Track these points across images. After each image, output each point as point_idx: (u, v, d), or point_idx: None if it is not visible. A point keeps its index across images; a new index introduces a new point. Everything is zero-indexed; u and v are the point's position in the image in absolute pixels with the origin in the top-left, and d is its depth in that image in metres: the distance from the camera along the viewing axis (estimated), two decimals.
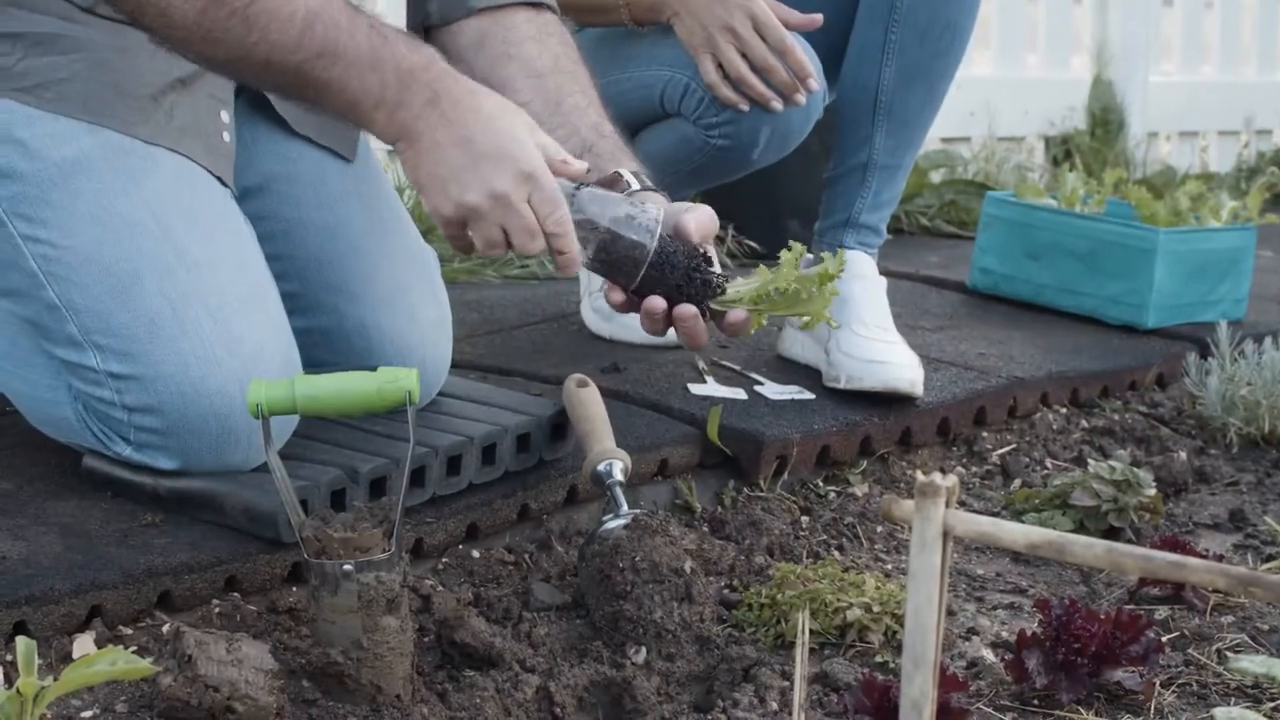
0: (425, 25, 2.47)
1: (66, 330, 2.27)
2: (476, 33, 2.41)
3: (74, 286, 2.25)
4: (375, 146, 2.75)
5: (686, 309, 2.27)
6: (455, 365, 2.64)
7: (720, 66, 2.92)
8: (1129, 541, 2.65)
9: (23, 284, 2.28)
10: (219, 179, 2.37)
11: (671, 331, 3.23)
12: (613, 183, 2.32)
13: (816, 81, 2.93)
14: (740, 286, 2.30)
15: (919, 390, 2.96)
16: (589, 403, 2.49)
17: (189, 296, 2.25)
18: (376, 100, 2.16)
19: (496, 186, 2.14)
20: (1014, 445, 3.15)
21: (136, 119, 2.29)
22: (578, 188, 2.21)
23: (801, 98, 2.94)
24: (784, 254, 2.29)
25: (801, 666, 1.75)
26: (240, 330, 2.27)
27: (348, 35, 2.12)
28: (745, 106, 2.93)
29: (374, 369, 2.08)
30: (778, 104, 2.93)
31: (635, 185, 2.32)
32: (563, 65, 2.41)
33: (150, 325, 2.24)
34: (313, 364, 2.39)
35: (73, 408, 2.32)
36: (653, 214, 2.23)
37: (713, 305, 2.29)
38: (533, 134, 2.19)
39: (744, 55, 2.90)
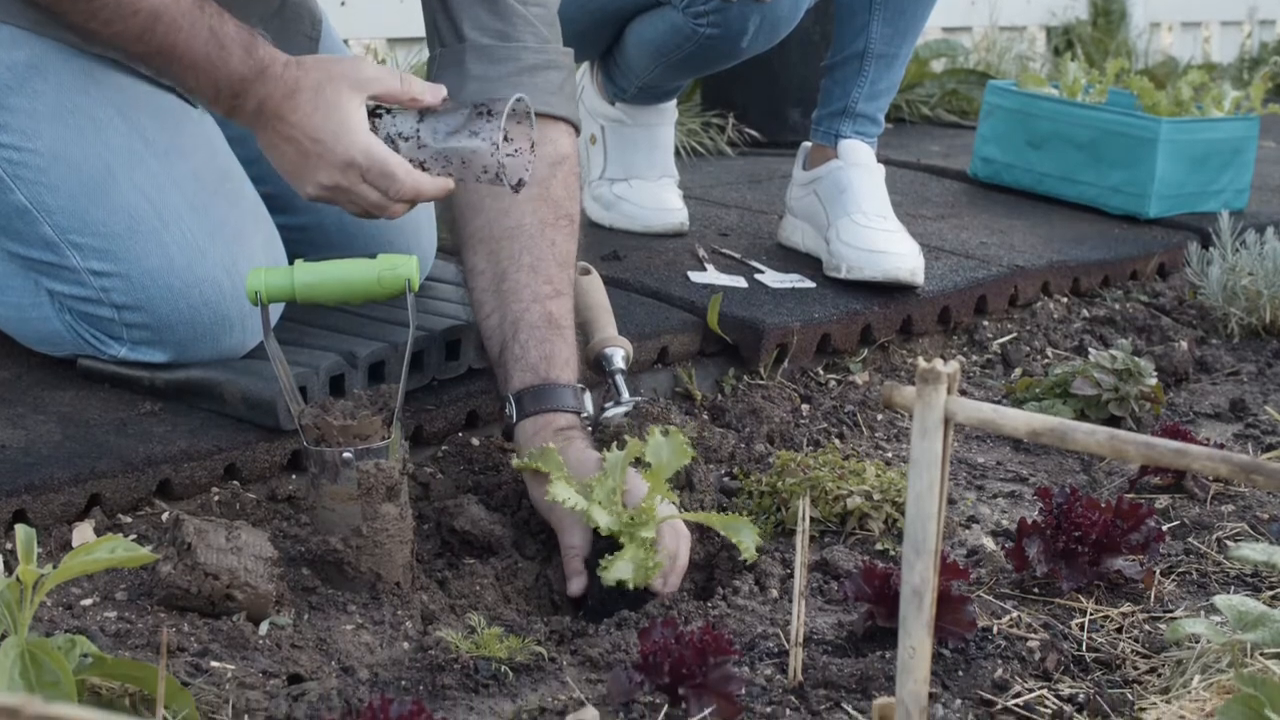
0: None
1: (40, 232, 2.24)
2: None
3: (43, 188, 2.23)
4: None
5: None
6: (454, 253, 2.62)
7: None
8: (1129, 430, 2.65)
9: None
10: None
11: (672, 218, 3.24)
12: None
13: None
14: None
15: (919, 279, 2.95)
16: (591, 290, 2.48)
17: (164, 187, 2.23)
18: (213, 99, 2.17)
19: (324, 180, 2.14)
20: (1015, 334, 3.15)
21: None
22: (421, 119, 2.16)
23: None
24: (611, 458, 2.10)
25: (802, 554, 1.75)
26: (220, 215, 2.26)
27: (186, 39, 2.11)
28: None
29: (374, 256, 2.07)
30: None
31: (513, 418, 2.20)
32: (525, 228, 2.30)
33: (129, 220, 2.22)
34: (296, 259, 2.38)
35: (59, 318, 2.30)
36: (487, 144, 2.13)
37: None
38: (356, 103, 2.13)
39: None
